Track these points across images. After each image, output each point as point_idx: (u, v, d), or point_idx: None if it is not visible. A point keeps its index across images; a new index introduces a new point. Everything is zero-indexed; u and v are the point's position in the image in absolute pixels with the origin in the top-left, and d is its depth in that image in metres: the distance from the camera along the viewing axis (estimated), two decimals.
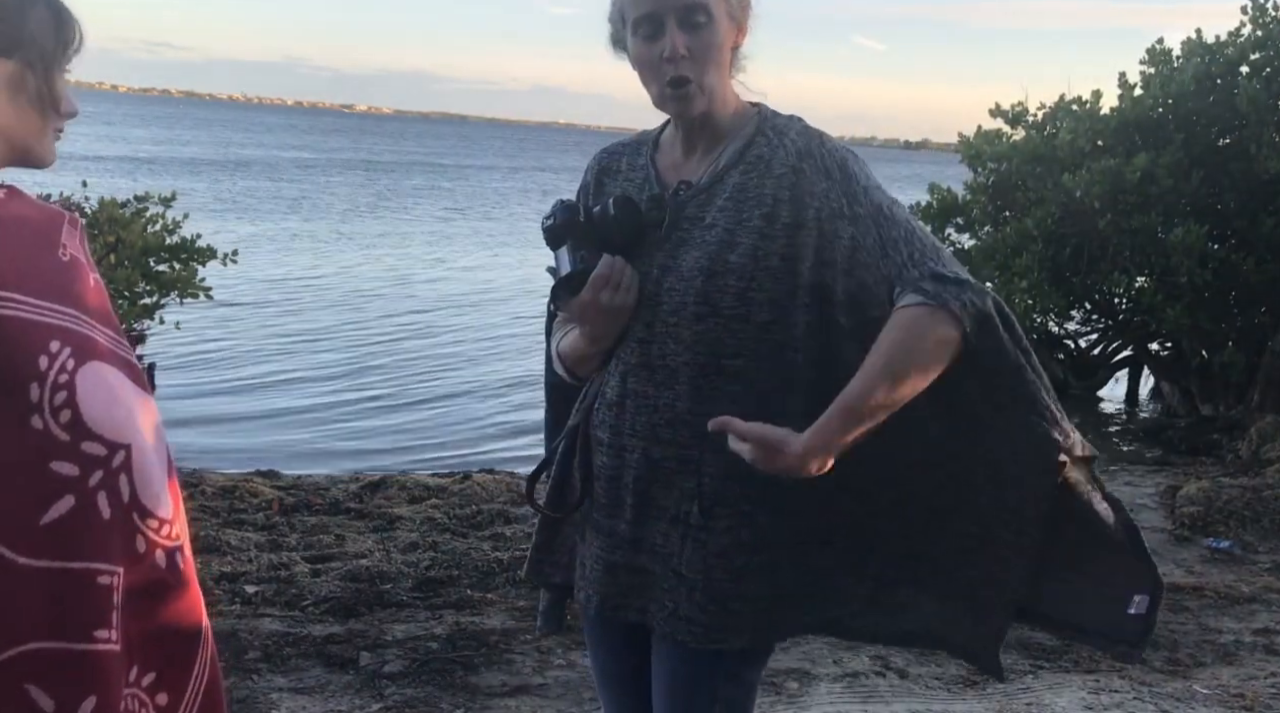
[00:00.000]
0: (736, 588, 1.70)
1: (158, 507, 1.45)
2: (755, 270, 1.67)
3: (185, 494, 5.87)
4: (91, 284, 1.48)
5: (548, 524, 1.95)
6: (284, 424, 8.83)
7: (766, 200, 1.69)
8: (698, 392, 1.69)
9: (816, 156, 1.70)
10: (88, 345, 1.40)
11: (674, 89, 1.69)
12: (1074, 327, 11.23)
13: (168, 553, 1.47)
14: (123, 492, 1.40)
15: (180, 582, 1.49)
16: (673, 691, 1.78)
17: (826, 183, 1.68)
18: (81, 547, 1.36)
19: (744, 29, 1.75)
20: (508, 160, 71.04)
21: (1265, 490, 6.16)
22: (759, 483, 1.67)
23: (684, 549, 1.72)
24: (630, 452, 1.76)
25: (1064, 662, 3.93)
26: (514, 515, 5.42)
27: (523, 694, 3.44)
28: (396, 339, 12.59)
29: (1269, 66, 9.08)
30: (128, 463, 1.41)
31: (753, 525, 1.70)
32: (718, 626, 1.71)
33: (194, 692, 1.51)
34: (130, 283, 8.08)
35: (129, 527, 1.42)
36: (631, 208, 1.75)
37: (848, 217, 1.67)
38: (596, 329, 1.76)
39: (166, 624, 1.48)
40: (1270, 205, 8.89)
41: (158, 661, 1.47)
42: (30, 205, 1.46)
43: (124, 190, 8.82)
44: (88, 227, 8.48)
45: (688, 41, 1.66)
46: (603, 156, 1.93)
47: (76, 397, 1.36)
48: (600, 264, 1.71)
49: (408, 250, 21.33)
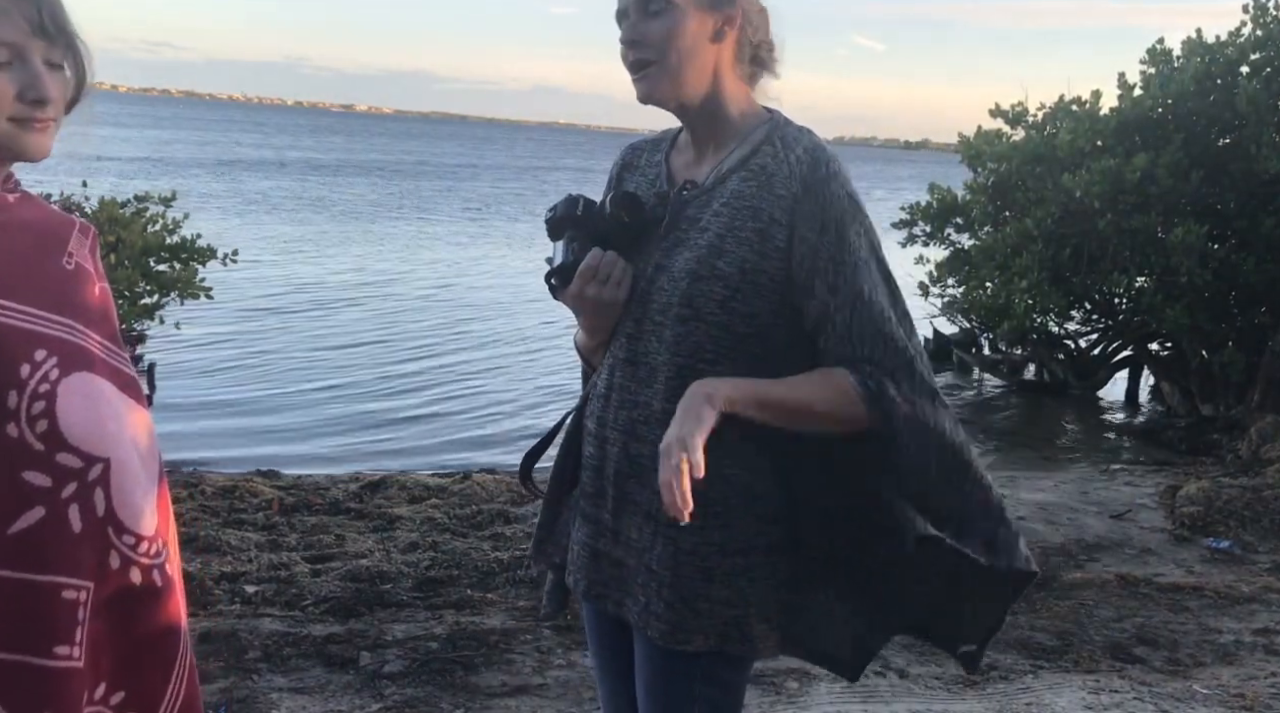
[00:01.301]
0: (705, 589, 1.70)
1: (136, 523, 1.42)
2: (741, 282, 1.67)
3: (185, 494, 5.88)
4: (96, 294, 1.46)
5: (551, 505, 1.97)
6: (284, 424, 8.83)
7: (763, 216, 1.68)
8: (674, 392, 1.68)
9: (818, 198, 1.66)
10: (79, 356, 1.38)
11: (633, 73, 1.71)
12: (1074, 327, 11.23)
13: (144, 570, 1.43)
14: (97, 506, 1.38)
15: (156, 600, 1.45)
16: (651, 687, 1.79)
17: (818, 238, 1.65)
18: (48, 560, 1.34)
19: (732, 19, 1.72)
20: (515, 160, 71.07)
21: (1265, 490, 6.16)
22: (735, 487, 1.69)
23: (655, 545, 1.73)
24: (611, 445, 1.78)
25: (1064, 662, 3.93)
26: (514, 515, 5.42)
27: (523, 694, 3.44)
28: (397, 338, 12.60)
29: (1269, 66, 9.09)
30: (105, 477, 1.38)
31: (725, 528, 1.70)
32: (683, 625, 1.70)
33: (168, 710, 1.48)
34: (130, 283, 8.08)
35: (102, 542, 1.39)
36: (629, 204, 1.78)
37: (829, 285, 1.65)
38: (588, 321, 1.82)
39: (140, 642, 1.44)
40: (1270, 205, 8.90)
41: (129, 678, 1.44)
42: (40, 210, 1.44)
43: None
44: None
45: (642, 27, 1.68)
46: (627, 152, 1.96)
47: (56, 407, 1.34)
48: (589, 256, 1.74)
49: (411, 250, 21.34)
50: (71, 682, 1.36)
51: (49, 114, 1.41)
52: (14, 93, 1.37)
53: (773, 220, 1.68)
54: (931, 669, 3.80)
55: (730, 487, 1.70)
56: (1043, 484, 6.82)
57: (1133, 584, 4.82)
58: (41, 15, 1.38)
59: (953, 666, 3.82)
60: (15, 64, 1.36)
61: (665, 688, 1.77)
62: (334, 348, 11.78)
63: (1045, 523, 5.77)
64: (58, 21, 1.40)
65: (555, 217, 1.82)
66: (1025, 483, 6.85)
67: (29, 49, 1.38)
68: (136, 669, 1.44)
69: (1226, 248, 9.16)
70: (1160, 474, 7.29)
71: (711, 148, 1.78)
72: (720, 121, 1.76)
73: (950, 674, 3.76)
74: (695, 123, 1.77)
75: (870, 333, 1.64)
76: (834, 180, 1.68)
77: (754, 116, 1.77)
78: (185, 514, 5.16)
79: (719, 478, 1.68)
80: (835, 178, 1.68)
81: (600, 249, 1.74)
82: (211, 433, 8.41)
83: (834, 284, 1.65)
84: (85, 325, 1.41)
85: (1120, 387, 11.59)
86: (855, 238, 1.67)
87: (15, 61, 1.37)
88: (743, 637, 1.72)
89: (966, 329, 12.37)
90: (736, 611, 1.71)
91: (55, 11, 1.40)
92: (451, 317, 14.33)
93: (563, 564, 1.94)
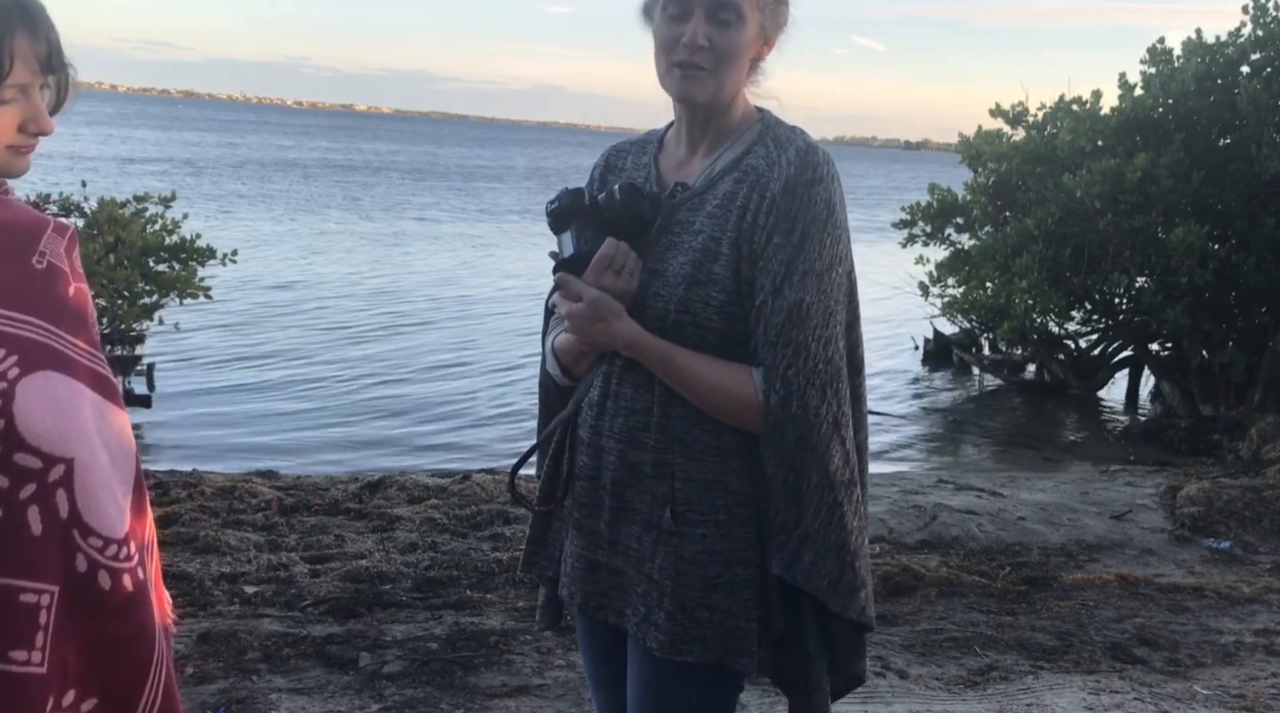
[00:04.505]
0: (706, 598, 1.68)
1: (104, 525, 1.38)
2: (737, 285, 1.67)
3: (185, 494, 5.87)
4: (70, 294, 1.44)
5: (541, 518, 1.94)
6: (284, 424, 8.83)
7: (749, 217, 1.67)
8: (671, 397, 1.69)
9: (795, 199, 1.65)
10: (43, 355, 1.36)
11: (682, 69, 1.68)
12: (1074, 327, 11.23)
13: (113, 573, 1.39)
14: (59, 507, 1.35)
15: (128, 605, 1.41)
16: (645, 698, 1.77)
17: (782, 238, 1.65)
18: (4, 562, 1.31)
19: (772, 43, 1.74)
20: (528, 161, 71.05)
21: (1266, 491, 6.16)
22: (738, 497, 1.68)
23: (657, 554, 1.71)
24: (608, 454, 1.75)
25: (1064, 662, 3.93)
26: (514, 516, 5.42)
27: (522, 695, 3.43)
28: (397, 340, 12.59)
29: (1269, 66, 9.09)
30: (68, 478, 1.35)
31: (727, 537, 1.69)
32: (684, 636, 1.69)
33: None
34: (130, 283, 8.08)
35: (66, 545, 1.35)
36: (636, 194, 1.74)
37: (773, 287, 1.64)
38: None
39: (111, 647, 1.40)
40: (1270, 205, 8.90)
41: (98, 686, 1.40)
42: (14, 211, 1.44)
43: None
44: (87, 226, 8.44)
45: (710, 34, 1.66)
46: (610, 153, 1.93)
47: (14, 406, 1.32)
48: (604, 245, 1.70)
49: (415, 251, 21.34)
50: (31, 687, 1.32)
51: (38, 140, 1.48)
52: (16, 124, 1.44)
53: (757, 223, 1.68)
54: (932, 670, 3.80)
55: (733, 497, 1.69)
56: (1043, 484, 6.81)
57: (1133, 585, 4.81)
58: (50, 53, 1.45)
59: (953, 666, 3.82)
60: (20, 98, 1.44)
61: (660, 699, 1.75)
62: (333, 348, 11.78)
63: (1045, 523, 5.77)
64: (59, 56, 1.48)
65: (559, 208, 1.77)
66: (1025, 483, 6.85)
67: (34, 85, 1.45)
68: (109, 675, 1.40)
69: (1227, 248, 9.16)
70: (1161, 475, 7.29)
71: (704, 147, 1.77)
72: (721, 122, 1.75)
73: (950, 675, 3.76)
74: (699, 122, 1.75)
75: (798, 343, 1.63)
76: (818, 185, 1.67)
77: (748, 116, 1.77)
78: (185, 515, 5.16)
79: (722, 488, 1.68)
80: (819, 183, 1.67)
81: (614, 238, 1.71)
82: (212, 428, 8.42)
83: (778, 287, 1.64)
84: (55, 325, 1.39)
85: (1120, 387, 11.60)
86: (817, 247, 1.65)
87: (21, 97, 1.44)
88: (742, 649, 1.70)
89: (966, 329, 12.39)
90: (738, 621, 1.69)
91: (58, 46, 1.48)
92: (452, 317, 14.33)
93: (554, 577, 1.91)
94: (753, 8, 1.68)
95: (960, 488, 6.44)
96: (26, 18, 1.41)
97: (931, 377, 12.61)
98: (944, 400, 11.59)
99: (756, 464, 1.68)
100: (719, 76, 1.68)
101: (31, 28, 1.42)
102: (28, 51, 1.41)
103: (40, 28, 1.43)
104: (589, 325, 1.68)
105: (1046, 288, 9.14)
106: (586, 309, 1.67)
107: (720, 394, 1.66)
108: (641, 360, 1.69)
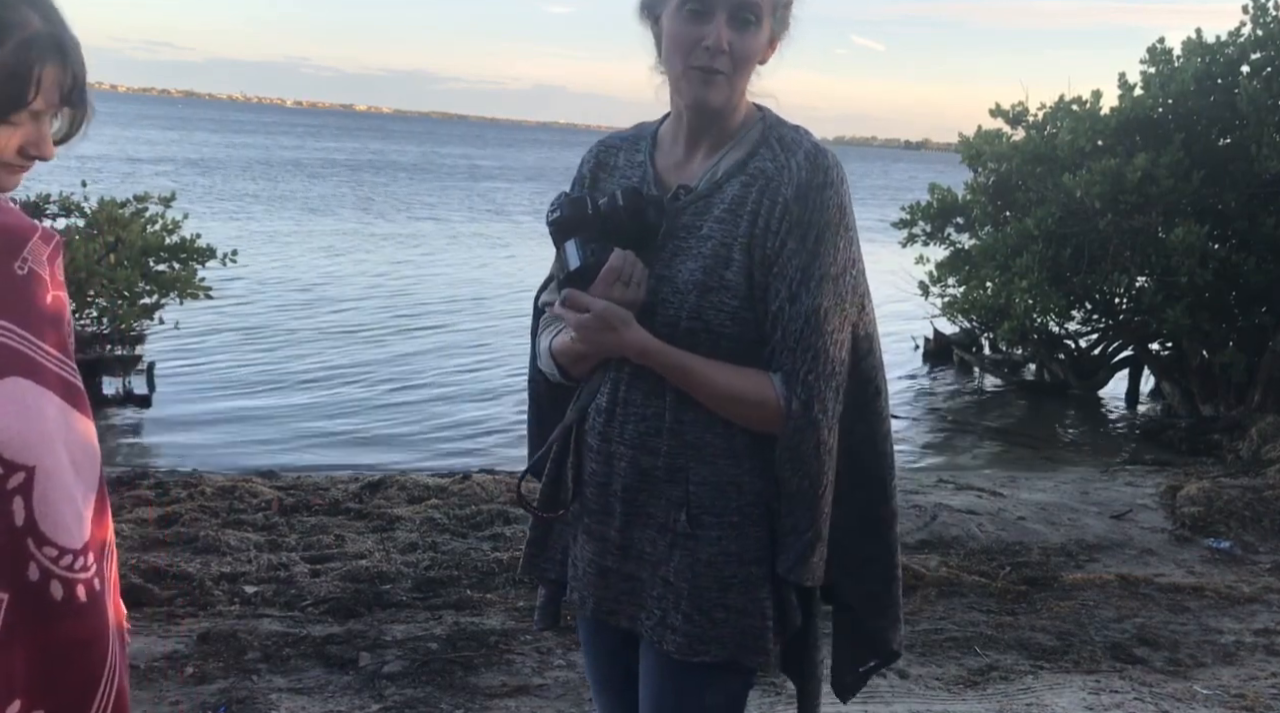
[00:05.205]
0: (723, 598, 1.69)
1: (60, 535, 1.37)
2: (750, 290, 1.66)
3: (185, 494, 5.87)
4: (48, 301, 1.43)
5: (542, 521, 1.93)
6: (284, 424, 8.82)
7: (761, 223, 1.67)
8: (682, 403, 1.69)
9: (808, 205, 1.65)
10: (14, 360, 1.35)
11: (703, 73, 1.66)
12: (1074, 327, 11.23)
13: (65, 584, 1.37)
14: (15, 515, 1.33)
15: (79, 614, 1.39)
16: (660, 699, 1.77)
17: (797, 244, 1.65)
18: None
19: (775, 46, 1.74)
20: (533, 160, 71.04)
21: (1266, 491, 6.16)
22: (750, 497, 1.69)
23: (672, 557, 1.71)
24: (619, 460, 1.75)
25: (1064, 662, 3.93)
26: (514, 516, 5.42)
27: (523, 695, 3.44)
28: (398, 339, 12.58)
29: (1269, 66, 9.08)
30: (27, 485, 1.33)
31: (741, 538, 1.70)
32: (701, 637, 1.69)
33: None
34: (130, 283, 8.08)
35: (19, 553, 1.34)
36: (639, 200, 1.71)
37: (790, 293, 1.65)
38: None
39: (59, 658, 1.38)
40: (1270, 205, 8.90)
41: (46, 698, 1.38)
42: (3, 216, 1.44)
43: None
44: (87, 226, 8.42)
45: (733, 38, 1.65)
46: (600, 149, 1.89)
47: None
48: (612, 257, 1.68)
49: (417, 251, 21.33)
50: None
51: (34, 163, 1.48)
52: (18, 147, 1.43)
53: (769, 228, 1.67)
54: (932, 670, 3.80)
55: (746, 498, 1.69)
56: (1043, 484, 6.81)
57: (1133, 585, 4.81)
58: (74, 86, 1.45)
59: (953, 666, 3.82)
60: (29, 123, 1.43)
61: (676, 700, 1.75)
62: (335, 346, 11.78)
63: (1045, 523, 5.77)
64: (81, 93, 1.47)
65: (561, 217, 1.73)
66: (1025, 483, 6.85)
67: (47, 113, 1.44)
68: (56, 686, 1.38)
69: (1227, 248, 9.16)
70: (1161, 474, 7.29)
71: (705, 148, 1.74)
72: (723, 123, 1.73)
73: (950, 675, 3.76)
74: (704, 123, 1.73)
75: (816, 348, 1.64)
76: (829, 189, 1.67)
77: (749, 116, 1.75)
78: (185, 515, 5.15)
79: (735, 489, 1.69)
80: (831, 186, 1.67)
81: (621, 249, 1.69)
82: (210, 424, 8.42)
83: (795, 293, 1.64)
84: (29, 331, 1.38)
85: (1120, 387, 11.59)
86: (831, 251, 1.66)
87: (30, 122, 1.43)
88: (757, 647, 1.71)
89: (966, 329, 12.38)
90: (753, 620, 1.70)
91: (83, 82, 1.47)
92: (453, 315, 14.32)
93: (556, 579, 1.91)
94: (767, 11, 1.68)
95: (960, 488, 6.44)
96: (60, 51, 1.42)
97: (932, 376, 12.61)
98: (944, 400, 11.59)
99: (768, 465, 1.69)
100: (734, 81, 1.68)
101: (62, 61, 1.42)
102: (52, 83, 1.42)
103: (70, 63, 1.44)
104: (598, 336, 1.68)
105: (1046, 288, 9.13)
106: (594, 320, 1.66)
107: (739, 400, 1.67)
108: (655, 368, 1.68)
